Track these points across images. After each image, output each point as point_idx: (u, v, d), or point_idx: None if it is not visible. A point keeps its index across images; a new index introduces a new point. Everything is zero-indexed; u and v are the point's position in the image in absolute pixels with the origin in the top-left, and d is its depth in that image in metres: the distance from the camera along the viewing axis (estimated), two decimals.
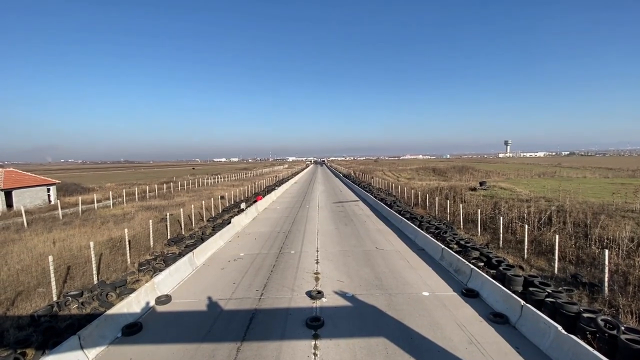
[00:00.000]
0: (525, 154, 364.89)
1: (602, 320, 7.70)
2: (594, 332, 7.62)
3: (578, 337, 7.10)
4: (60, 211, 26.50)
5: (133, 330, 8.72)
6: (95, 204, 31.82)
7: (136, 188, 44.85)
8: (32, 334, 8.15)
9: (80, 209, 28.40)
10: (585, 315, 8.13)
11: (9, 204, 30.19)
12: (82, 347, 7.54)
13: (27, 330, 8.55)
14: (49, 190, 35.00)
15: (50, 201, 34.45)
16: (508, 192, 30.35)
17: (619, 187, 29.63)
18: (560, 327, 7.41)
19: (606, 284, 10.02)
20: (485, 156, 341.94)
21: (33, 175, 35.51)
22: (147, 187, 45.48)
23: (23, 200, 31.00)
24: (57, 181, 37.53)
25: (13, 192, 30.60)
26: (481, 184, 35.68)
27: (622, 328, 7.35)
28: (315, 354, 7.71)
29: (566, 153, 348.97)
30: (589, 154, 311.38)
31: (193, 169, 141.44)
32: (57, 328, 8.47)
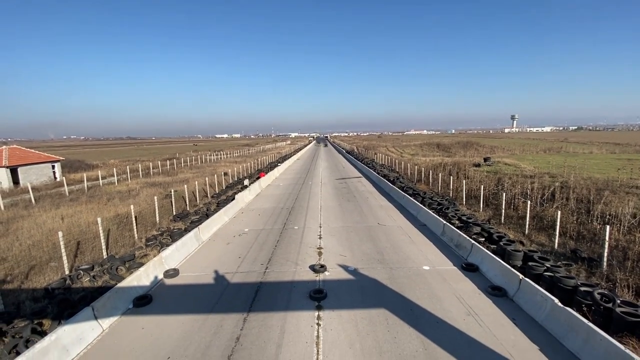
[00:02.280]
0: (531, 129, 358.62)
1: (598, 293, 7.88)
2: (590, 305, 7.82)
3: (574, 310, 7.30)
4: (66, 188, 26.84)
5: (144, 302, 9.09)
6: (100, 181, 32.14)
7: (140, 165, 45.07)
8: (47, 306, 8.52)
9: (85, 186, 28.74)
10: (582, 288, 8.31)
11: (16, 180, 30.58)
12: (96, 318, 7.90)
13: (43, 302, 8.93)
14: (53, 167, 35.28)
15: (55, 178, 34.82)
16: (512, 168, 30.16)
17: (625, 163, 29.33)
18: (556, 300, 7.61)
19: (605, 259, 10.15)
20: (491, 131, 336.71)
21: (37, 152, 35.67)
22: (151, 163, 45.65)
23: (29, 177, 31.34)
24: (61, 158, 37.75)
25: (19, 169, 30.89)
26: (485, 159, 35.42)
27: (618, 301, 7.53)
28: (318, 324, 8.03)
29: (574, 128, 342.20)
30: (597, 128, 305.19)
31: (195, 145, 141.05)
32: (71, 300, 8.84)
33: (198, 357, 6.94)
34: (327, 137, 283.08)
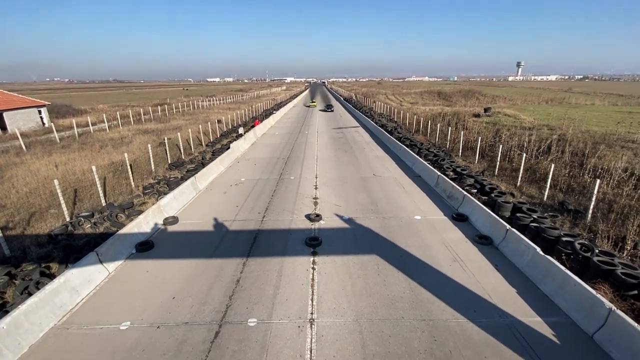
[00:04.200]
0: (536, 77, 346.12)
1: (579, 243, 8.32)
2: (570, 254, 8.31)
3: (554, 258, 7.77)
4: (56, 134, 26.19)
5: (146, 247, 9.47)
6: (91, 127, 31.28)
7: (130, 110, 43.56)
8: (52, 251, 8.86)
9: (76, 132, 28.03)
10: (564, 239, 8.75)
11: (3, 126, 29.62)
12: (101, 262, 8.28)
13: (47, 248, 9.27)
14: (40, 112, 33.94)
15: (43, 124, 33.73)
16: (512, 120, 29.74)
17: (625, 116, 29.00)
18: (538, 249, 8.05)
19: (590, 211, 10.53)
20: (494, 79, 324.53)
21: (21, 96, 34.02)
22: (141, 109, 44.06)
23: (16, 122, 30.30)
24: (47, 102, 36.13)
25: (4, 114, 29.70)
26: (485, 110, 34.73)
27: (597, 251, 7.99)
28: (313, 268, 8.53)
29: (579, 77, 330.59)
30: (603, 78, 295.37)
31: (186, 89, 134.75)
32: (75, 245, 9.16)
33: (201, 297, 7.45)
34: (324, 82, 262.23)
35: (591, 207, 10.53)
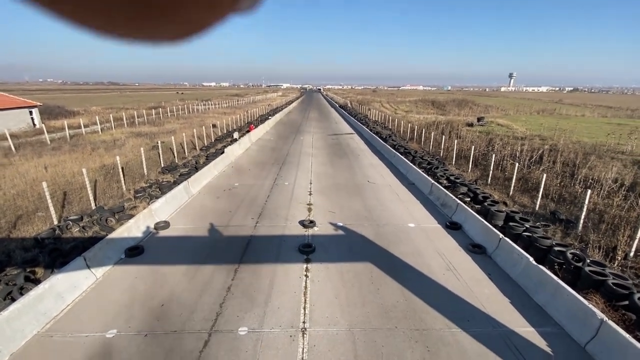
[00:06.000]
0: (528, 89, 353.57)
1: (570, 253, 8.38)
2: (562, 263, 8.35)
3: (546, 268, 7.79)
4: (47, 135, 25.77)
5: (135, 252, 9.26)
6: (83, 129, 30.87)
7: (124, 113, 43.15)
8: (38, 255, 8.60)
9: (67, 134, 27.64)
10: (557, 248, 8.81)
11: None
12: (88, 267, 8.06)
13: (33, 252, 9.00)
14: (31, 112, 33.41)
15: (34, 125, 33.20)
16: (504, 129, 30.17)
17: (615, 128, 29.62)
18: (531, 259, 8.07)
19: (581, 221, 10.64)
20: (487, 89, 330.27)
21: (11, 96, 33.50)
22: (135, 112, 43.70)
23: (6, 123, 29.74)
24: (39, 103, 35.61)
25: None
26: (479, 119, 35.20)
27: (588, 261, 8.05)
28: (306, 276, 8.42)
29: (570, 89, 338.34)
30: (593, 90, 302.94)
31: (181, 93, 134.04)
32: (62, 249, 8.92)
33: (191, 305, 7.28)
34: (320, 89, 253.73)
35: (582, 217, 10.65)
